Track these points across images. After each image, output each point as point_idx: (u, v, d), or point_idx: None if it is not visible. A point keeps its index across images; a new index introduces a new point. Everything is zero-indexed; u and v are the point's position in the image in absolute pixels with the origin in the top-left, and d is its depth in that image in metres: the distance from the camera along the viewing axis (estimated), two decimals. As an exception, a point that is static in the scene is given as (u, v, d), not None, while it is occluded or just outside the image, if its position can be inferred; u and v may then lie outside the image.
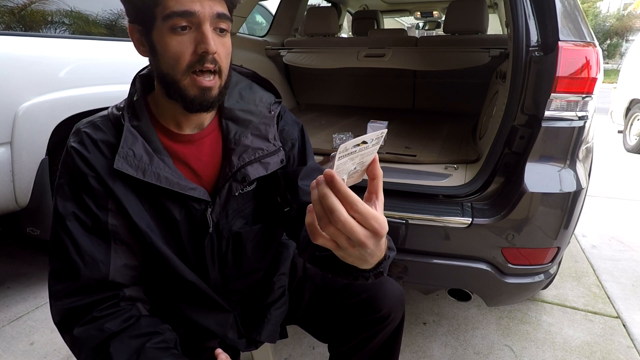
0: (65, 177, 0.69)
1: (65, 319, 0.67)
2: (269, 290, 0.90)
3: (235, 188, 0.75)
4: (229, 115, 0.78)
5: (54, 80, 1.75)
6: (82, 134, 0.70)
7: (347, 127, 2.16)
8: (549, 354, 1.52)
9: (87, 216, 0.68)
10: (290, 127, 0.85)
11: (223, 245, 0.79)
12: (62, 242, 0.67)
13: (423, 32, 5.57)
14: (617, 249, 2.42)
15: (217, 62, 0.65)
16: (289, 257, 0.98)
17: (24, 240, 2.23)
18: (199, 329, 0.81)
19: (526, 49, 1.14)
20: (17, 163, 1.63)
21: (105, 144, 0.69)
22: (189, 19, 0.62)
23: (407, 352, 1.51)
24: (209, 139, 0.77)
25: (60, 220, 0.68)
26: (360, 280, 0.58)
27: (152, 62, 0.69)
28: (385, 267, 0.55)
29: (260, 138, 0.77)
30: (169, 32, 0.63)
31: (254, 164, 0.75)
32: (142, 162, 0.67)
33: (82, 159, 0.68)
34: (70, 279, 0.66)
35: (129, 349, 0.65)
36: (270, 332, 0.88)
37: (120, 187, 0.68)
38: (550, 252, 1.18)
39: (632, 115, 5.22)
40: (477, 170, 1.26)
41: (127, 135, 0.68)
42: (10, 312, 1.70)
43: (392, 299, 0.88)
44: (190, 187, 0.72)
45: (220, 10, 0.64)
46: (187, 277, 0.75)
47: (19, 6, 1.72)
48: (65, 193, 0.69)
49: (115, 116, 0.72)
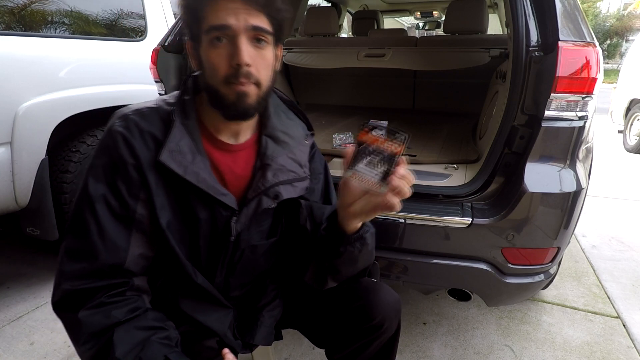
0: (102, 159, 0.70)
1: (67, 299, 0.66)
2: (262, 293, 0.90)
3: (266, 203, 0.78)
4: (270, 132, 0.81)
5: (54, 80, 1.76)
6: (129, 120, 0.70)
7: (347, 127, 2.16)
8: (549, 354, 1.52)
9: (117, 201, 0.68)
10: (319, 162, 0.92)
11: (237, 255, 0.81)
12: (86, 223, 0.67)
13: (423, 32, 5.57)
14: (617, 249, 2.42)
15: (253, 75, 0.68)
16: None
17: (24, 240, 2.23)
18: (198, 327, 0.81)
19: (526, 49, 1.14)
20: (17, 163, 1.63)
21: (150, 135, 0.70)
22: (225, 32, 0.66)
23: (407, 352, 1.51)
24: (245, 153, 0.80)
25: (88, 201, 0.68)
26: (351, 245, 0.74)
27: (200, 74, 0.74)
28: (365, 233, 0.75)
29: (294, 162, 0.82)
30: (209, 46, 0.68)
31: (286, 184, 0.80)
32: (185, 160, 0.70)
33: (127, 145, 0.69)
34: (87, 261, 0.67)
35: (134, 340, 0.65)
36: (263, 335, 0.87)
37: (154, 179, 0.70)
38: (550, 252, 1.18)
39: (632, 115, 5.22)
40: (477, 170, 1.26)
41: (176, 131, 0.71)
42: (10, 312, 1.70)
43: (387, 307, 0.86)
44: (223, 192, 0.74)
45: (256, 23, 0.67)
46: (193, 277, 0.76)
47: (19, 6, 1.72)
48: (98, 174, 0.69)
49: (165, 111, 0.74)
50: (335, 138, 1.76)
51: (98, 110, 1.92)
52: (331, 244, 0.76)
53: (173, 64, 1.54)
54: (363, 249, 0.76)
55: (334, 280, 0.84)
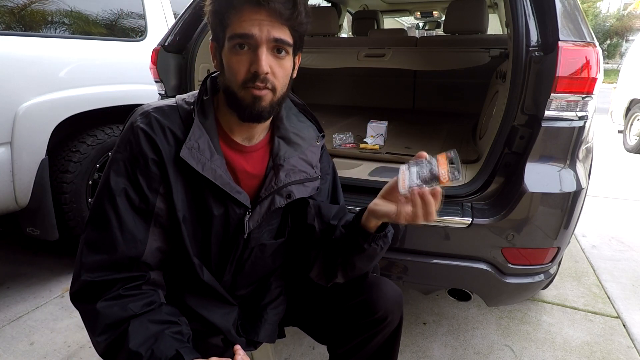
0: (123, 153, 0.72)
1: (86, 290, 0.68)
2: (266, 290, 0.91)
3: (279, 202, 0.81)
4: (282, 134, 0.85)
5: (54, 80, 1.76)
6: (151, 117, 0.73)
7: (347, 127, 2.16)
8: (549, 354, 1.52)
9: (137, 195, 0.71)
10: (327, 162, 0.95)
11: (246, 253, 0.83)
12: (107, 215, 0.69)
13: (423, 32, 5.57)
14: (617, 249, 2.42)
15: (269, 81, 0.71)
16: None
17: (24, 240, 2.23)
18: (203, 323, 0.81)
19: (526, 49, 1.14)
20: (17, 163, 1.63)
21: (171, 132, 0.73)
22: (248, 40, 0.69)
23: (407, 352, 1.51)
24: (258, 154, 0.83)
25: (109, 194, 0.70)
26: (375, 242, 0.79)
27: (220, 74, 0.77)
28: (388, 232, 0.82)
29: (306, 162, 0.85)
30: (231, 51, 0.71)
31: (298, 184, 0.83)
32: (203, 157, 0.72)
33: (149, 140, 0.71)
34: (107, 252, 0.69)
35: (148, 332, 0.66)
36: (267, 333, 0.88)
37: (174, 174, 0.72)
38: (550, 252, 1.18)
39: (632, 115, 5.22)
40: (477, 170, 1.26)
41: (196, 129, 0.73)
42: (10, 312, 1.70)
43: (389, 300, 0.88)
44: (237, 190, 0.77)
45: (278, 35, 0.70)
46: (200, 274, 0.77)
47: (19, 6, 1.72)
48: (120, 168, 0.71)
49: (185, 110, 0.77)
50: (335, 138, 1.76)
51: (98, 111, 1.92)
52: (354, 240, 0.80)
53: (173, 64, 1.54)
54: (385, 247, 0.82)
55: (344, 276, 0.87)
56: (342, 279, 0.87)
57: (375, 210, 0.77)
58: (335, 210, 0.90)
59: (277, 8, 0.68)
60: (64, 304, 1.75)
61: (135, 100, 2.07)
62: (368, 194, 1.26)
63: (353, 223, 0.82)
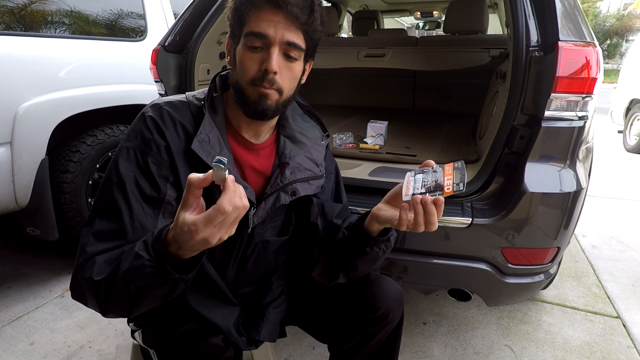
0: (134, 142, 0.72)
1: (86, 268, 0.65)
2: (268, 289, 0.91)
3: (284, 199, 0.83)
4: (287, 133, 0.87)
5: (54, 80, 1.76)
6: (163, 110, 0.75)
7: (347, 127, 2.16)
8: (549, 354, 1.52)
9: (147, 182, 0.71)
10: (330, 161, 0.97)
11: (249, 249, 0.84)
12: (116, 204, 0.68)
13: (423, 32, 5.57)
14: (617, 249, 2.42)
15: (277, 82, 0.73)
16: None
17: (24, 240, 2.23)
18: (203, 323, 0.81)
19: (526, 49, 1.14)
20: (17, 163, 1.63)
21: (181, 126, 0.75)
22: (262, 40, 0.71)
23: (407, 352, 1.51)
24: (265, 152, 0.85)
25: (119, 182, 0.69)
26: (378, 246, 0.80)
27: (231, 70, 0.79)
28: (391, 236, 0.82)
29: (311, 161, 0.87)
30: (245, 48, 0.73)
31: (303, 182, 0.85)
32: (213, 150, 0.74)
33: (159, 130, 0.73)
34: (114, 240, 0.67)
35: (110, 256, 0.64)
36: (269, 332, 0.88)
37: (183, 166, 0.73)
38: (550, 252, 1.18)
39: (632, 115, 5.22)
40: (477, 170, 1.26)
41: (206, 123, 0.75)
42: (10, 312, 1.70)
43: (390, 298, 0.89)
44: (244, 185, 0.78)
45: (291, 39, 0.72)
46: (205, 268, 0.78)
47: (19, 6, 1.72)
48: (130, 156, 0.71)
49: (195, 105, 0.79)
50: (335, 138, 1.76)
51: (98, 111, 1.92)
52: (356, 243, 0.81)
53: (173, 64, 1.54)
54: (387, 251, 0.83)
55: (345, 277, 0.87)
56: (343, 280, 0.88)
57: (378, 215, 0.78)
58: (338, 209, 0.91)
59: (295, 12, 0.70)
60: (64, 304, 1.75)
61: (135, 100, 2.07)
62: (368, 193, 1.26)
63: (356, 226, 0.83)
